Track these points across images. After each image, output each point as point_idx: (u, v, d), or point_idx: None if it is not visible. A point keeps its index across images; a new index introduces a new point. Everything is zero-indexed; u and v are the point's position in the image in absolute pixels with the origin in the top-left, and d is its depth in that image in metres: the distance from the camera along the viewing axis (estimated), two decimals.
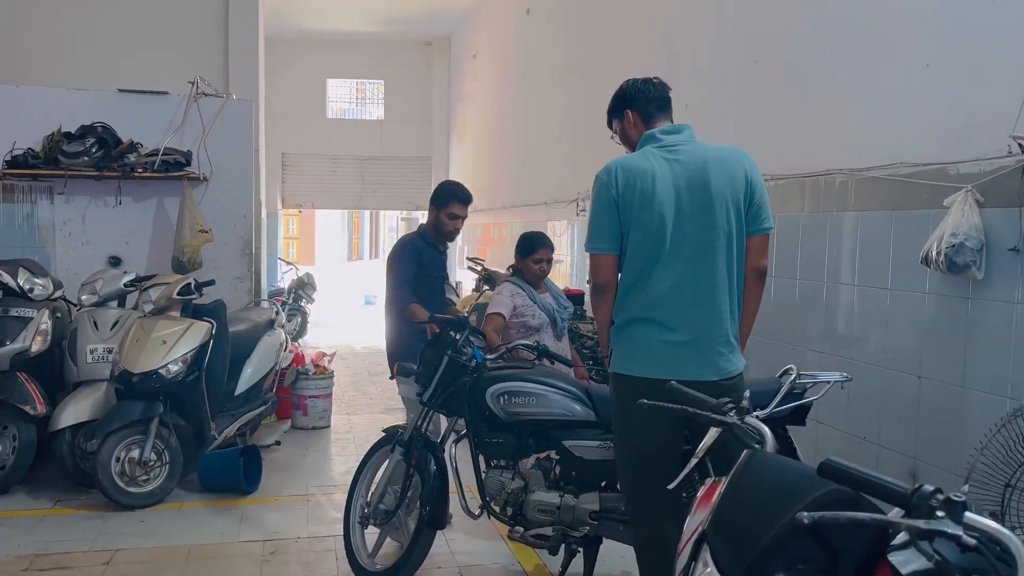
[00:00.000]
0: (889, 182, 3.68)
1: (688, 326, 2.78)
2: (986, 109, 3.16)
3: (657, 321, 2.80)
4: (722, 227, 2.78)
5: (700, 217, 2.78)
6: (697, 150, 2.85)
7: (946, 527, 1.18)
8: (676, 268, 2.79)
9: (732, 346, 2.84)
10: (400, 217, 28.34)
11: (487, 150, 11.84)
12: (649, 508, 2.88)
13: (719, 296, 2.80)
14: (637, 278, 2.84)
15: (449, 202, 4.36)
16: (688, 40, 5.66)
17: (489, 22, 11.68)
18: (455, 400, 3.63)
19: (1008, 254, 3.00)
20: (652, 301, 2.81)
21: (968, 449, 2.97)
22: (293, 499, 4.93)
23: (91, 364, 4.94)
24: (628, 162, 2.87)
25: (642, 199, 2.79)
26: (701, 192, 2.77)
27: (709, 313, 2.79)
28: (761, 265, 2.87)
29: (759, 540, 1.43)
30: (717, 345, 2.80)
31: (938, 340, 3.39)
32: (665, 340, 2.79)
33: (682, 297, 2.79)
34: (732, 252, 2.81)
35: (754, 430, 1.73)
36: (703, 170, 2.78)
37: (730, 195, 2.78)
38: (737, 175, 2.80)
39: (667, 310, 2.79)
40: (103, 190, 6.30)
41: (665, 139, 2.89)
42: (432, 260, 4.42)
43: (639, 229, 2.81)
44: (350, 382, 8.70)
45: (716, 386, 2.68)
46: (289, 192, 14.63)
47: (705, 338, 2.79)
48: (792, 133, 4.47)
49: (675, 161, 2.82)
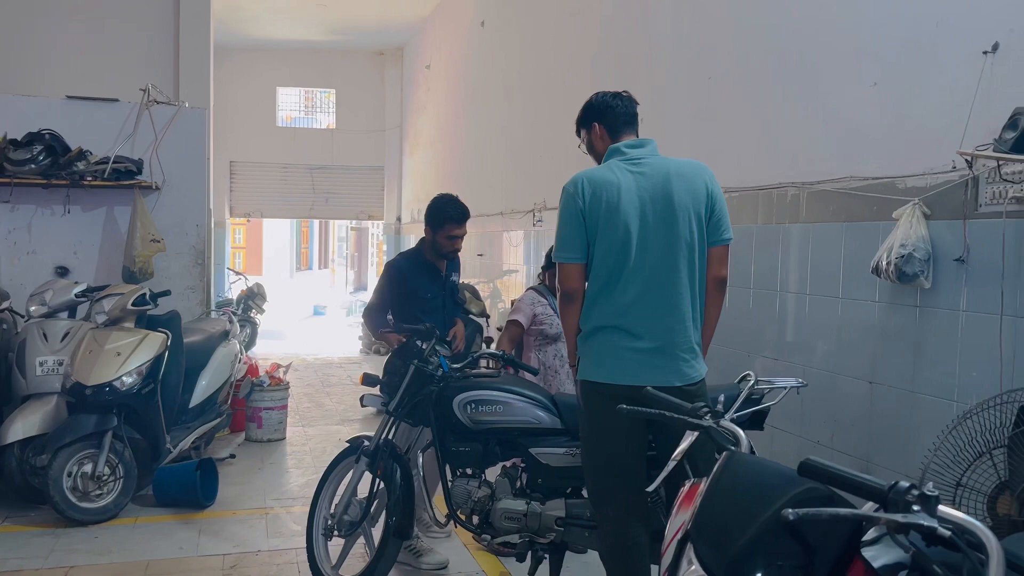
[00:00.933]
0: (839, 195, 3.82)
1: (653, 334, 2.87)
2: (931, 126, 3.32)
3: (624, 329, 2.88)
4: (684, 238, 2.88)
5: (664, 228, 2.87)
6: (660, 163, 2.95)
7: (922, 520, 1.26)
8: (641, 277, 2.87)
9: (695, 352, 2.94)
10: (350, 226, 28.09)
11: (441, 160, 11.86)
12: (616, 512, 2.94)
13: (683, 304, 2.89)
14: (603, 287, 2.92)
15: (444, 224, 4.20)
16: (643, 55, 5.79)
17: (442, 33, 11.73)
18: (421, 409, 3.65)
19: (954, 264, 3.15)
20: (619, 309, 2.89)
21: (918, 451, 3.11)
22: (251, 512, 4.87)
23: (40, 377, 4.82)
24: (594, 175, 2.95)
25: (608, 210, 2.87)
26: (664, 204, 2.87)
27: (673, 321, 2.88)
28: (722, 274, 2.99)
29: (740, 537, 1.50)
30: (681, 352, 2.89)
31: (888, 347, 3.53)
32: (631, 347, 2.87)
33: (647, 306, 2.87)
34: (694, 262, 2.91)
35: (729, 433, 1.80)
36: (666, 183, 2.89)
37: (692, 207, 2.89)
38: (699, 188, 2.91)
39: (633, 318, 2.87)
40: (51, 198, 6.15)
41: (630, 152, 2.98)
42: (422, 283, 4.25)
43: (605, 239, 2.89)
44: (304, 394, 8.62)
45: (680, 391, 2.75)
46: (237, 201, 14.44)
47: (670, 345, 2.88)
48: (746, 148, 4.61)
49: (639, 174, 2.92)
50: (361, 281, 27.68)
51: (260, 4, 11.71)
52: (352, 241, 29.27)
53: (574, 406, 3.24)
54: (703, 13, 5.02)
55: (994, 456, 2.56)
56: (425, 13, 12.18)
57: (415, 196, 13.28)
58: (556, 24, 7.42)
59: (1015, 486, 2.48)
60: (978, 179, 3.04)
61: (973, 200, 3.07)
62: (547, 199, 7.24)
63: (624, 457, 2.91)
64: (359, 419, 7.56)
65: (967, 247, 3.09)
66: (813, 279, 4.04)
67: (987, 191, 3.01)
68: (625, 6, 6.00)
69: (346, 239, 28.97)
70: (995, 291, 2.96)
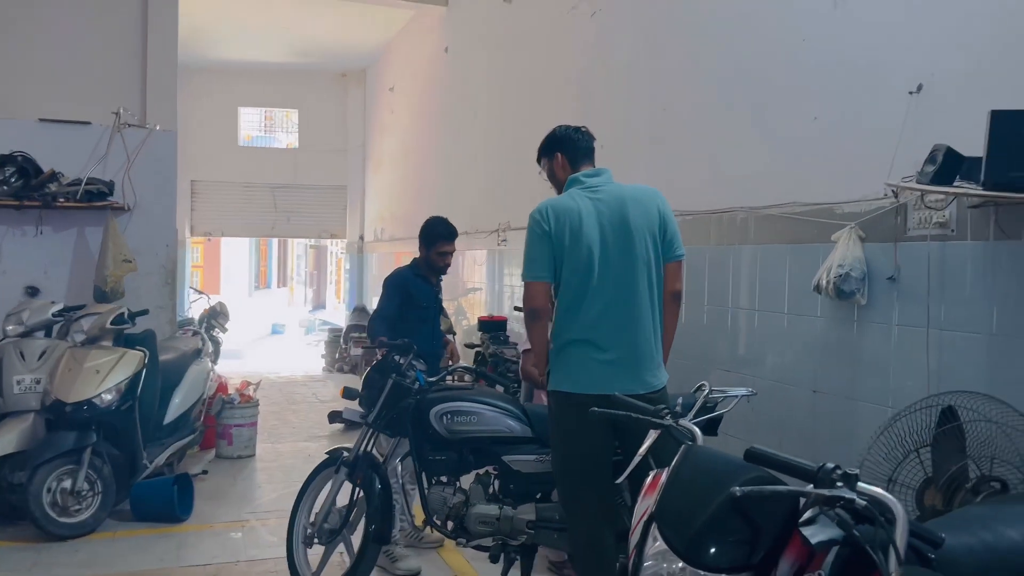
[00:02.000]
0: (784, 219, 4.15)
1: (618, 346, 3.15)
2: (864, 157, 3.66)
3: (591, 343, 3.15)
4: (642, 256, 3.19)
5: (622, 249, 3.18)
6: (616, 190, 3.27)
7: (844, 493, 1.53)
8: (605, 295, 3.16)
9: (657, 362, 3.24)
10: (309, 245, 28.06)
11: (405, 179, 12.07)
12: (587, 514, 3.19)
13: (644, 318, 3.19)
14: (571, 305, 3.20)
15: (436, 242, 4.70)
16: (600, 83, 6.10)
17: (405, 57, 11.98)
18: (399, 421, 3.86)
19: (886, 283, 3.48)
20: (586, 325, 3.17)
21: (857, 452, 3.40)
22: (228, 525, 5.01)
23: (18, 395, 4.90)
24: (557, 203, 3.26)
25: (571, 235, 3.16)
26: (622, 227, 3.18)
27: (636, 334, 3.17)
28: (677, 288, 3.31)
29: (698, 518, 1.76)
30: (644, 362, 3.18)
31: (829, 358, 3.85)
32: (598, 359, 3.15)
33: (612, 320, 3.16)
34: (652, 278, 3.21)
35: (687, 431, 2.06)
36: (622, 207, 3.20)
37: (646, 228, 3.20)
38: (651, 211, 3.23)
39: (599, 332, 3.15)
40: (22, 220, 6.24)
41: (587, 181, 3.30)
42: (422, 291, 4.68)
43: (570, 262, 3.18)
44: (271, 412, 8.70)
45: (644, 398, 3.01)
46: (198, 220, 14.45)
47: (633, 356, 3.17)
48: (698, 174, 4.93)
49: (597, 200, 3.23)
50: (319, 299, 27.63)
51: (224, 26, 11.84)
52: (311, 259, 29.24)
53: (543, 415, 3.50)
54: (658, 48, 5.35)
55: (920, 454, 2.87)
56: (388, 37, 12.44)
57: (379, 215, 13.45)
58: (519, 53, 7.72)
59: (938, 480, 2.78)
60: (906, 206, 3.37)
61: (902, 225, 3.40)
62: (511, 219, 7.51)
63: (592, 461, 3.17)
64: (326, 435, 7.71)
65: (898, 267, 3.42)
66: (761, 296, 4.35)
67: (914, 217, 3.35)
68: (585, 41, 6.32)
69: (304, 256, 28.95)
70: (922, 307, 3.29)
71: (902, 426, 2.88)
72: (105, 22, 8.89)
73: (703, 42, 4.89)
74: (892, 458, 2.90)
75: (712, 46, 4.80)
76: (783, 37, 4.18)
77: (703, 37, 4.89)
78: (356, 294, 14.60)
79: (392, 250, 12.09)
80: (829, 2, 3.86)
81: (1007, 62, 3.03)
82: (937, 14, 3.31)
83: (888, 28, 3.54)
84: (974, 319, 3.11)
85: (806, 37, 4.03)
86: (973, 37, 3.16)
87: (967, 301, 3.14)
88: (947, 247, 3.21)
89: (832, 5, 3.85)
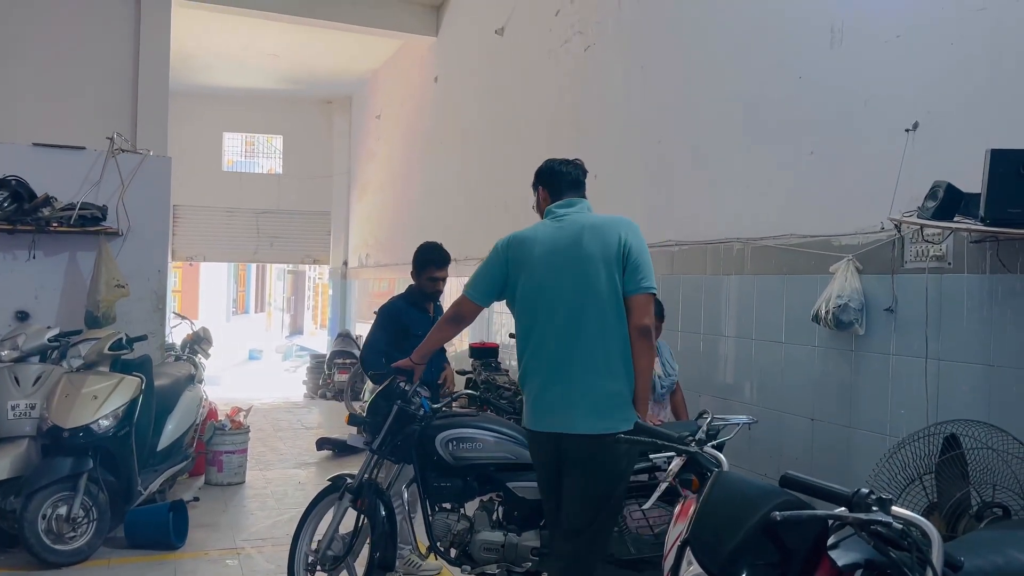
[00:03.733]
0: (781, 250, 4.26)
1: (562, 382, 3.01)
2: (861, 191, 3.78)
3: (539, 377, 3.09)
4: (594, 287, 2.99)
5: (574, 279, 3.02)
6: (579, 219, 3.12)
7: (880, 517, 1.60)
8: (554, 327, 3.04)
9: (612, 402, 2.98)
10: (287, 270, 27.93)
11: (390, 206, 12.13)
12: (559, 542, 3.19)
13: (595, 353, 2.98)
14: (524, 337, 3.17)
15: (427, 267, 4.71)
16: (595, 116, 6.23)
17: (392, 86, 12.09)
18: (404, 447, 3.87)
19: (884, 313, 3.59)
20: (536, 359, 3.10)
21: (855, 480, 3.48)
22: (223, 552, 4.97)
23: (12, 420, 4.85)
24: (520, 233, 3.23)
25: (527, 263, 3.12)
26: (575, 255, 3.03)
27: (583, 370, 2.99)
28: (643, 323, 2.99)
29: (731, 541, 1.81)
30: (591, 400, 2.97)
31: (827, 387, 3.94)
32: (543, 395, 3.07)
33: (560, 354, 3.03)
34: (606, 311, 2.98)
35: (712, 457, 2.12)
36: (578, 235, 3.05)
37: (600, 256, 2.99)
38: (610, 239, 3.01)
39: (548, 366, 3.06)
40: (15, 244, 6.19)
41: (557, 212, 3.20)
42: (416, 320, 4.65)
43: (523, 292, 3.13)
44: (257, 438, 8.60)
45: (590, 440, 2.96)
46: (180, 244, 14.38)
47: (578, 394, 2.98)
48: (694, 205, 5.04)
49: (557, 228, 3.13)
50: (297, 325, 27.46)
51: (213, 52, 11.90)
52: (289, 285, 29.07)
53: None
54: (654, 82, 5.48)
55: (924, 481, 2.95)
56: (375, 65, 12.56)
57: (363, 241, 13.47)
58: (511, 84, 7.85)
59: (943, 506, 2.86)
60: (904, 239, 3.49)
61: (900, 257, 3.52)
62: None
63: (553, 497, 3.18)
64: (315, 463, 7.67)
65: (895, 298, 3.53)
66: (758, 326, 4.45)
67: (911, 250, 3.46)
68: (579, 74, 6.45)
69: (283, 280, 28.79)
70: (920, 337, 3.39)
71: (906, 453, 2.96)
72: (98, 49, 8.95)
73: (699, 77, 5.02)
74: (896, 484, 2.97)
75: (709, 81, 4.93)
76: (780, 73, 4.32)
77: (699, 72, 5.02)
78: (339, 320, 14.57)
79: (378, 276, 12.12)
80: (826, 40, 4.00)
81: (1001, 101, 3.16)
82: (933, 53, 3.45)
83: (884, 66, 3.68)
84: (972, 350, 3.22)
85: (803, 74, 4.17)
86: (968, 76, 3.30)
87: (965, 332, 3.25)
88: (944, 279, 3.33)
89: (828, 44, 3.99)
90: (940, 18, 3.42)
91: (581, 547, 3.08)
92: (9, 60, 8.71)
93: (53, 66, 8.76)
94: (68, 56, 8.80)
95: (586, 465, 3.01)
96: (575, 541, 3.08)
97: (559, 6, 6.74)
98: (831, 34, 3.97)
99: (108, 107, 8.69)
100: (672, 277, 5.17)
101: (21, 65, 8.72)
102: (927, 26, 3.48)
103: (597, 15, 6.17)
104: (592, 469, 3.01)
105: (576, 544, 3.08)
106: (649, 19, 5.53)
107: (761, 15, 4.50)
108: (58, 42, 8.81)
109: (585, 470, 3.02)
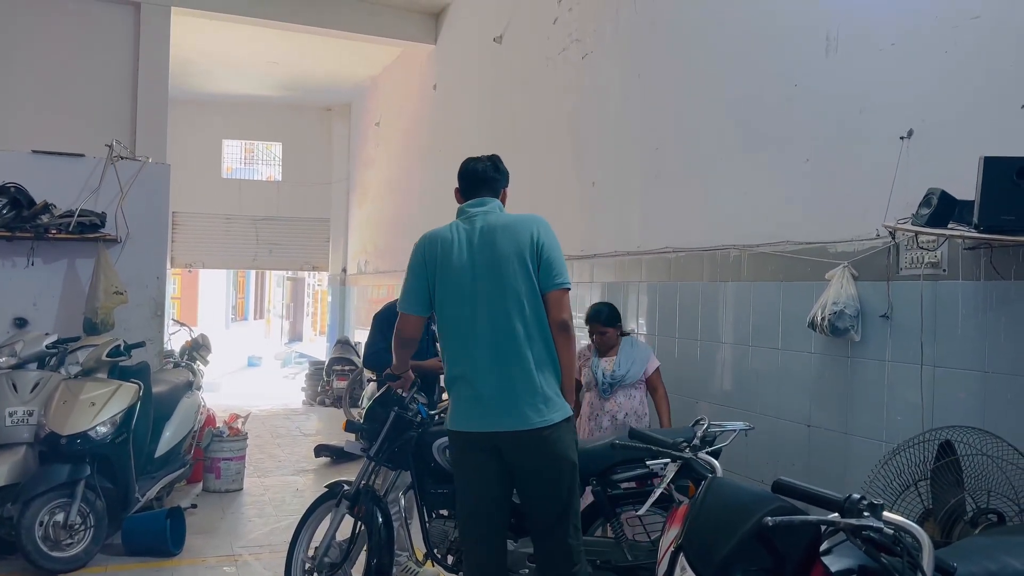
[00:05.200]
0: (777, 257, 4.28)
1: (490, 381, 3.01)
2: (856, 198, 3.80)
3: (465, 378, 3.07)
4: (512, 286, 3.02)
5: (492, 279, 3.05)
6: (491, 219, 3.16)
7: (871, 522, 1.61)
8: (477, 328, 3.05)
9: (543, 397, 3.00)
10: (286, 277, 27.96)
11: (389, 213, 12.15)
12: (481, 555, 3.15)
13: (522, 351, 3.00)
14: (448, 339, 3.16)
15: None
16: (592, 124, 6.24)
17: (392, 93, 12.12)
18: (401, 454, 3.88)
19: (879, 320, 3.60)
20: (461, 360, 3.09)
21: (851, 486, 3.48)
22: (221, 559, 4.97)
23: (10, 427, 4.86)
24: (434, 232, 3.25)
25: (444, 264, 3.13)
26: (490, 255, 3.06)
27: (512, 368, 3.00)
28: (561, 318, 3.05)
29: (724, 547, 1.82)
30: (522, 396, 2.99)
31: (823, 393, 3.95)
32: (472, 395, 3.05)
33: (483, 354, 3.03)
34: (525, 308, 3.02)
35: (706, 463, 2.13)
36: (491, 235, 3.09)
37: (515, 255, 3.03)
38: (523, 238, 3.06)
39: (472, 366, 3.05)
40: (14, 251, 6.21)
41: (469, 211, 3.24)
42: None
43: (443, 291, 3.12)
44: (255, 445, 8.62)
45: (527, 435, 2.96)
46: (179, 251, 14.40)
47: (509, 392, 2.99)
48: (690, 212, 5.06)
49: (470, 228, 3.15)
50: (296, 332, 27.48)
51: (212, 60, 11.93)
52: (288, 291, 29.10)
53: None
54: (651, 90, 5.50)
55: (919, 487, 2.96)
56: (374, 73, 12.60)
57: (362, 248, 13.49)
58: (509, 92, 7.87)
59: (938, 512, 2.87)
60: (899, 246, 3.50)
61: (895, 264, 3.53)
62: None
63: (479, 501, 3.10)
64: (313, 469, 7.67)
65: (891, 305, 3.54)
66: (755, 332, 4.46)
67: (906, 257, 3.48)
68: (576, 82, 6.47)
69: (282, 286, 28.82)
70: (915, 344, 3.40)
71: (902, 459, 2.97)
72: (98, 57, 8.99)
73: (696, 85, 5.04)
74: (891, 491, 2.98)
75: (705, 88, 4.95)
76: (776, 81, 4.34)
77: (696, 80, 5.04)
78: (338, 327, 14.57)
79: (378, 283, 12.13)
80: (821, 48, 4.02)
81: (995, 108, 3.18)
82: (927, 61, 3.47)
83: (879, 74, 3.70)
84: (967, 356, 3.23)
85: (798, 82, 4.19)
86: (963, 84, 3.32)
87: (959, 339, 3.26)
88: (939, 286, 3.34)
89: (824, 52, 4.01)
90: (934, 26, 3.45)
91: (560, 536, 3.06)
92: (9, 67, 8.75)
93: (53, 73, 8.79)
94: (68, 63, 8.83)
95: (536, 461, 3.01)
96: (554, 534, 3.06)
97: (557, 14, 6.77)
98: (826, 42, 3.99)
99: (107, 114, 8.72)
100: (669, 284, 5.18)
101: (21, 72, 8.76)
102: (922, 34, 3.51)
103: (595, 23, 6.20)
104: (542, 464, 3.01)
105: (556, 536, 3.06)
106: (646, 27, 5.56)
107: (757, 23, 4.53)
108: (58, 49, 8.85)
109: (537, 467, 3.02)
